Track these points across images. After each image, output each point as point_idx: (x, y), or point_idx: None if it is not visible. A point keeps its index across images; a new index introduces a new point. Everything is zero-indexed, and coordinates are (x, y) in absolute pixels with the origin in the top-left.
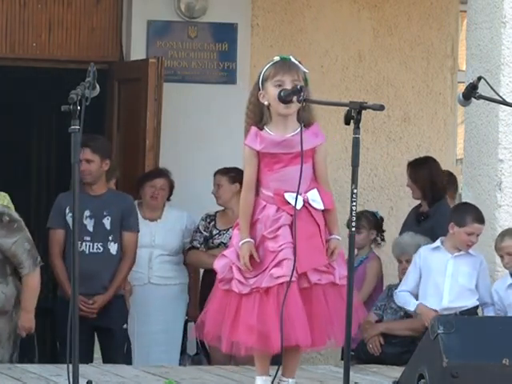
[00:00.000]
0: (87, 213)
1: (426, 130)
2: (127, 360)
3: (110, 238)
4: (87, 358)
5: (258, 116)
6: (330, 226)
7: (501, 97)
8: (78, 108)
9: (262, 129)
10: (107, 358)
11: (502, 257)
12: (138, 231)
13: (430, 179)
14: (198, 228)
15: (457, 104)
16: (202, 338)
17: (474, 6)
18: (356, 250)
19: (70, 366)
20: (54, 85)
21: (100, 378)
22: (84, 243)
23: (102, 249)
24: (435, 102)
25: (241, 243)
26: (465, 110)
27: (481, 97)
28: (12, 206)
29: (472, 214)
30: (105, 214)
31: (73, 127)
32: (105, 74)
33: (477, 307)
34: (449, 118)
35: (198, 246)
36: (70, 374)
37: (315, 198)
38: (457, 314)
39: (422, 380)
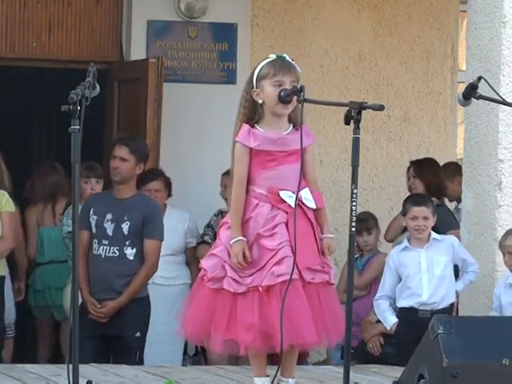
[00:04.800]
0: (109, 216)
1: (426, 130)
2: None
3: (127, 243)
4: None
5: (252, 113)
6: (322, 225)
7: (501, 97)
8: (78, 108)
9: (253, 126)
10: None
11: (504, 254)
12: (162, 239)
13: (435, 176)
14: (210, 223)
15: (457, 104)
16: (186, 338)
17: (474, 6)
18: (357, 253)
19: (70, 366)
20: (53, 85)
21: (100, 377)
22: (102, 247)
23: (117, 253)
24: (435, 102)
25: (233, 241)
26: (465, 110)
27: (481, 97)
28: (12, 204)
29: (410, 200)
30: (125, 218)
31: (73, 127)
32: (105, 73)
33: (451, 307)
34: (449, 117)
35: (210, 241)
36: (70, 374)
37: (308, 197)
38: (432, 312)
39: (422, 380)
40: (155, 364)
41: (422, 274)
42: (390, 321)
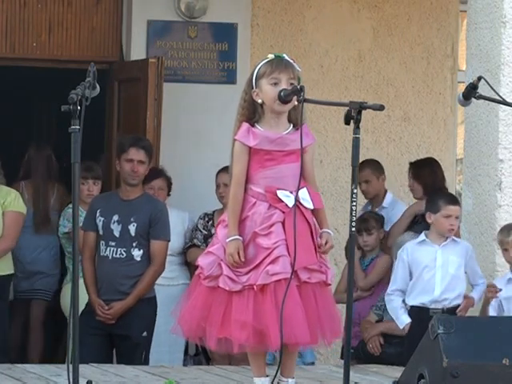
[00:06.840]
0: (115, 217)
1: (426, 129)
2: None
3: (134, 244)
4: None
5: (251, 114)
6: (322, 222)
7: (501, 97)
8: (78, 108)
9: (252, 125)
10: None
11: (506, 250)
12: (169, 240)
13: (432, 178)
14: (197, 226)
15: (457, 104)
16: (183, 336)
17: (474, 6)
18: (358, 252)
19: (70, 366)
20: (53, 85)
21: (100, 377)
22: (109, 248)
23: (124, 254)
24: (435, 102)
25: (228, 240)
26: (465, 110)
27: (481, 97)
28: (18, 203)
29: (444, 198)
30: (132, 220)
31: (73, 127)
32: (105, 73)
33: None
34: (449, 118)
35: (199, 244)
36: (70, 374)
37: (305, 197)
38: (444, 310)
39: (422, 380)
40: (155, 364)
41: (436, 270)
42: (403, 320)
